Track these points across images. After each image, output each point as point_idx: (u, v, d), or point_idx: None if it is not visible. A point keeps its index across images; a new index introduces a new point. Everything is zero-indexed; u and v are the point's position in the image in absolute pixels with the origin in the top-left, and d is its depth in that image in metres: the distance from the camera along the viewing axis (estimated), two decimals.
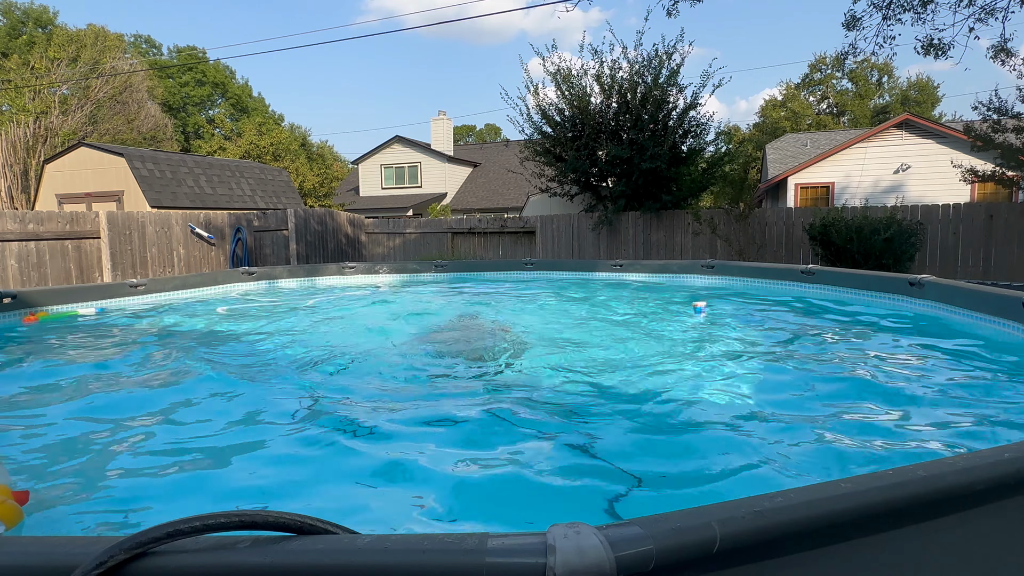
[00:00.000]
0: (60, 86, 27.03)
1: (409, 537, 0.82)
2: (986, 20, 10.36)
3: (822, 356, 3.49)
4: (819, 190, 18.68)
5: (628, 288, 6.65)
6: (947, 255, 9.63)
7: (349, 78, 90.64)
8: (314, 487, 1.94)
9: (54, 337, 4.39)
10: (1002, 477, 1.04)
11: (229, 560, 0.81)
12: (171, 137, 34.19)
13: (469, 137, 55.96)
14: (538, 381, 3.11)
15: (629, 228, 11.68)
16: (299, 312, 5.55)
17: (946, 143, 16.95)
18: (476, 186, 27.42)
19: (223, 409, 2.68)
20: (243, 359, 3.69)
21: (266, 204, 18.80)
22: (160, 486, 1.96)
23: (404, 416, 2.56)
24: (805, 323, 4.51)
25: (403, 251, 13.79)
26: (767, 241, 10.67)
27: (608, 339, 4.10)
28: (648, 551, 0.80)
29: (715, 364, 3.35)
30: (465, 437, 2.32)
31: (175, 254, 11.19)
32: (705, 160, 12.03)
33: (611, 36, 24.72)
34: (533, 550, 0.79)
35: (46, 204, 16.91)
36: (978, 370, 3.10)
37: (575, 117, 11.61)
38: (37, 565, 0.84)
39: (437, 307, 5.76)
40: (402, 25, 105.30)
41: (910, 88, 41.28)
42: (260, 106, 44.99)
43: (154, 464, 2.10)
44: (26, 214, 8.98)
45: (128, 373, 3.40)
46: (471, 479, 1.95)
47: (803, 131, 32.68)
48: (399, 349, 4.02)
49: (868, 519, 0.95)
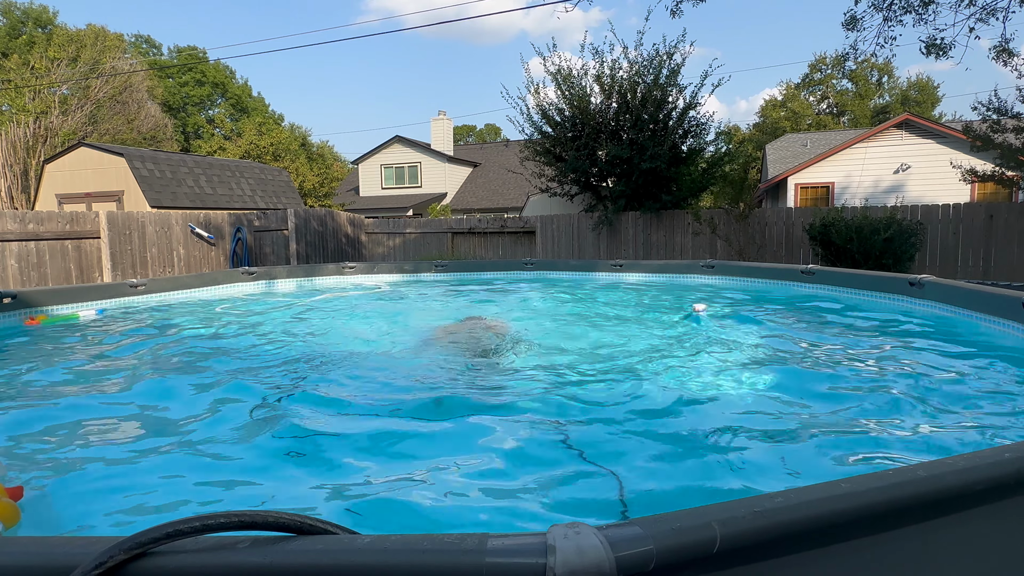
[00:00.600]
0: (60, 86, 27.03)
1: (409, 537, 0.82)
2: (987, 20, 10.36)
3: (821, 356, 3.49)
4: (819, 190, 18.69)
5: (628, 288, 6.65)
6: (947, 255, 9.63)
7: (349, 78, 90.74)
8: (313, 487, 1.94)
9: (55, 339, 4.39)
10: (1002, 477, 1.04)
11: (229, 560, 0.81)
12: (171, 137, 34.20)
13: (469, 137, 55.97)
14: (538, 381, 3.11)
15: (629, 228, 11.68)
16: (299, 312, 5.55)
17: (946, 143, 16.96)
18: (476, 186, 27.43)
19: (223, 409, 2.68)
20: (243, 359, 3.69)
21: (266, 204, 18.80)
22: (160, 486, 1.95)
23: (404, 416, 2.56)
24: (804, 323, 4.51)
25: (403, 251, 13.79)
26: (767, 241, 10.67)
27: (607, 339, 4.10)
28: (648, 551, 0.80)
29: (714, 364, 3.35)
30: (465, 437, 2.32)
31: (175, 254, 11.19)
32: (705, 160, 12.04)
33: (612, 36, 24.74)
34: (533, 550, 0.79)
35: (46, 204, 16.91)
36: (978, 370, 3.10)
37: (575, 117, 11.61)
38: (37, 565, 0.84)
39: (437, 307, 5.76)
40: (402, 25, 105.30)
41: (910, 88, 41.30)
42: (260, 106, 45.00)
43: (154, 464, 2.10)
44: (26, 214, 8.98)
45: (128, 373, 3.40)
46: (471, 479, 1.95)
47: (803, 131, 32.68)
48: (399, 349, 4.02)
49: (868, 519, 0.95)
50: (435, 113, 29.46)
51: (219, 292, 6.56)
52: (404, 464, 2.08)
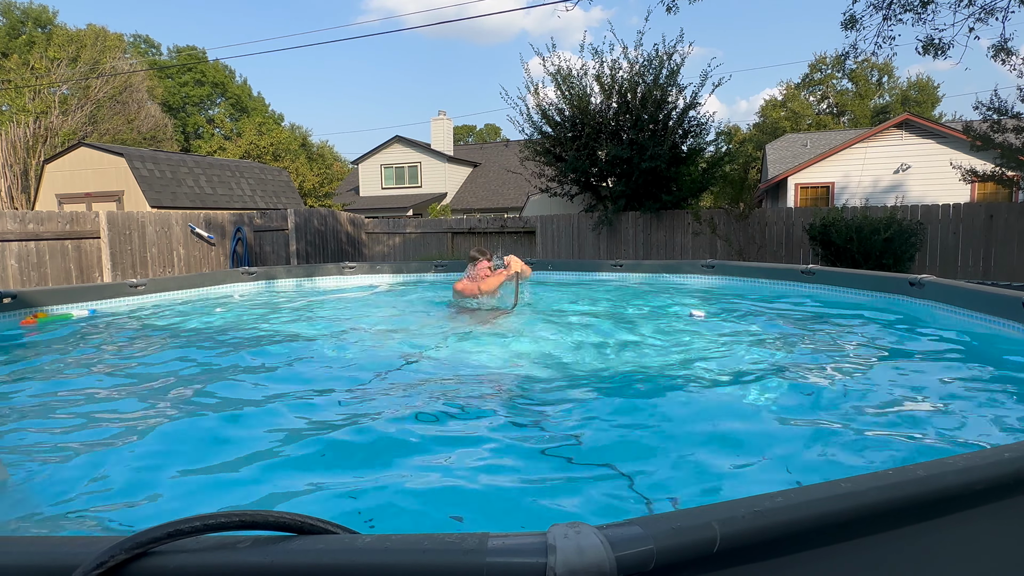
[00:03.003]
0: (60, 86, 27.03)
1: (409, 537, 0.82)
2: (986, 20, 10.36)
3: (821, 356, 3.49)
4: (819, 190, 18.68)
5: (628, 288, 6.65)
6: (947, 255, 9.63)
7: (349, 78, 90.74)
8: (313, 487, 1.94)
9: (52, 338, 4.39)
10: (1002, 477, 1.04)
11: (229, 560, 0.81)
12: (171, 137, 34.19)
13: (469, 137, 55.96)
14: (537, 381, 3.11)
15: (629, 228, 11.68)
16: (299, 312, 5.55)
17: (946, 143, 16.95)
18: (476, 186, 27.43)
19: (222, 409, 2.68)
20: (243, 359, 3.69)
21: (266, 204, 18.80)
22: (160, 486, 1.96)
23: (403, 416, 2.55)
24: (804, 323, 4.51)
25: (403, 251, 13.79)
26: (767, 241, 10.67)
27: (607, 339, 4.10)
28: (648, 551, 0.80)
29: (714, 364, 3.35)
30: (465, 436, 2.32)
31: (175, 254, 11.19)
32: (705, 160, 12.04)
33: (612, 36, 24.74)
34: (533, 550, 0.79)
35: (46, 204, 16.91)
36: (978, 370, 3.10)
37: (575, 117, 11.61)
38: (37, 565, 0.84)
39: (436, 307, 5.75)
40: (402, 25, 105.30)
41: (910, 88, 41.29)
42: (260, 106, 44.99)
43: (154, 464, 2.10)
44: (26, 214, 8.97)
45: (128, 373, 3.40)
46: (471, 479, 1.95)
47: (803, 131, 32.68)
48: (398, 348, 4.02)
49: (868, 519, 0.95)
50: (435, 113, 29.47)
51: (219, 292, 6.56)
52: (404, 464, 2.08)
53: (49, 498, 1.87)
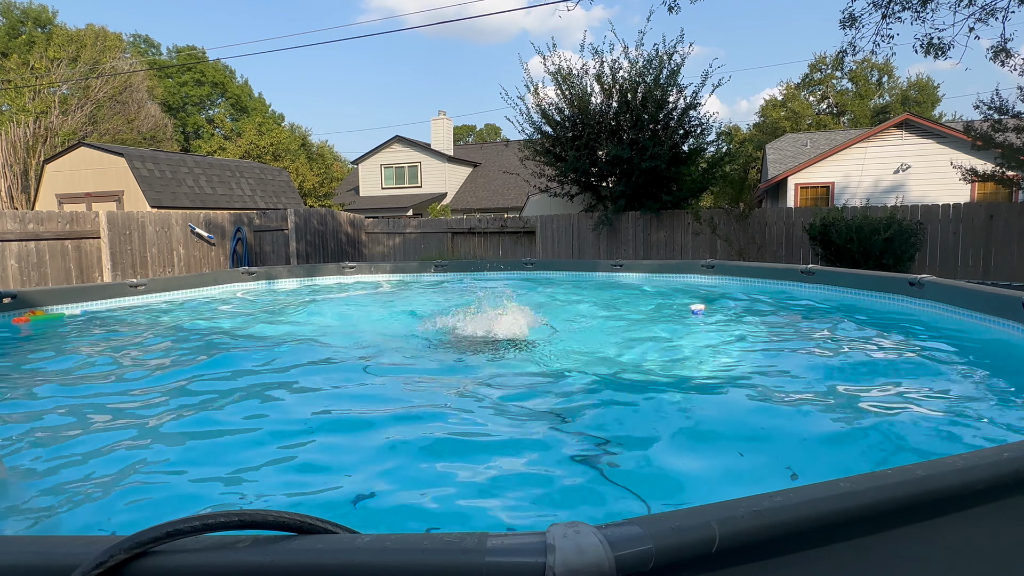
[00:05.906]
0: (60, 86, 27.02)
1: (409, 537, 0.82)
2: (986, 20, 10.36)
3: (821, 356, 3.49)
4: (819, 190, 18.68)
5: (628, 288, 6.65)
6: (947, 255, 9.63)
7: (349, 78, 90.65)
8: (312, 486, 1.94)
9: (48, 337, 4.39)
10: (1001, 477, 1.04)
11: (229, 560, 0.81)
12: (171, 137, 34.18)
13: (469, 137, 55.95)
14: (537, 381, 3.11)
15: (629, 228, 11.68)
16: (299, 312, 5.55)
17: (946, 143, 16.95)
18: (476, 186, 27.42)
19: (222, 408, 2.68)
20: (243, 359, 3.69)
21: (266, 204, 18.80)
22: (159, 486, 1.96)
23: (403, 416, 2.56)
24: (804, 323, 4.51)
25: (403, 251, 13.79)
26: (767, 241, 10.67)
27: (607, 338, 4.10)
28: (647, 550, 0.80)
29: (713, 364, 3.35)
30: (466, 436, 2.32)
31: (175, 254, 11.19)
32: (705, 160, 12.03)
33: (612, 36, 24.78)
34: (533, 549, 0.79)
35: (46, 204, 16.90)
36: (978, 370, 3.10)
37: (575, 117, 11.61)
38: (37, 565, 0.84)
39: (436, 307, 5.75)
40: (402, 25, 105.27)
41: (910, 88, 41.27)
42: (260, 106, 44.97)
43: (153, 464, 2.10)
44: (26, 214, 8.97)
45: (127, 373, 3.40)
46: (471, 479, 1.95)
47: (803, 131, 32.67)
48: (398, 348, 4.02)
49: (868, 519, 0.95)
50: (435, 113, 29.47)
51: (219, 291, 6.56)
52: (404, 463, 2.08)
53: (49, 498, 1.87)
